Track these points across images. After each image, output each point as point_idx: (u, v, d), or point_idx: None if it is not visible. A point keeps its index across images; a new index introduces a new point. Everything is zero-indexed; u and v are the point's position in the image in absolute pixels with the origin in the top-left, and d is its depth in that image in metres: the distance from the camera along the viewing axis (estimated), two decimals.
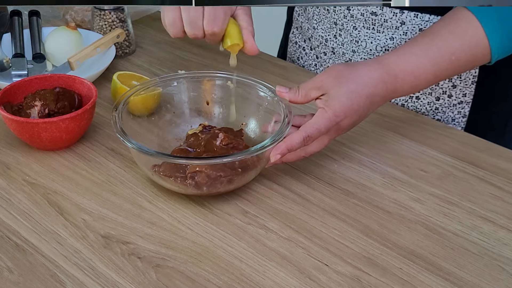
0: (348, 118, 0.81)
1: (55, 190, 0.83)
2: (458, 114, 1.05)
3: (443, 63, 0.85)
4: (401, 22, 1.00)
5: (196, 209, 0.80)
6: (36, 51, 1.11)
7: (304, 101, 0.83)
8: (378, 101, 0.84)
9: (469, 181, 0.86)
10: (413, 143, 0.94)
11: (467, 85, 1.02)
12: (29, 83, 0.95)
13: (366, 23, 1.02)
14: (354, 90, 0.80)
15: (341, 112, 0.80)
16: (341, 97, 0.80)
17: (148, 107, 0.91)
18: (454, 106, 1.05)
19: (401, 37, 1.01)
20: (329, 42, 1.09)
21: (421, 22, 0.99)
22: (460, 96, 1.03)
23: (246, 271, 0.71)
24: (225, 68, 1.13)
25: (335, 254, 0.74)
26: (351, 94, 0.80)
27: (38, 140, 0.88)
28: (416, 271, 0.72)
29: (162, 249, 0.74)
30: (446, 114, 1.06)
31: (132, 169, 0.87)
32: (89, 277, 0.70)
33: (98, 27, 1.18)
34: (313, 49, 1.15)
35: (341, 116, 0.80)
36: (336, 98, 0.80)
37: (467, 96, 1.03)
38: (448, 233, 0.77)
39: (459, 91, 1.03)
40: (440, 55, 0.85)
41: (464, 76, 1.02)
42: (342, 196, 0.83)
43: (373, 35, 1.03)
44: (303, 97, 0.82)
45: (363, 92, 0.81)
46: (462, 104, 1.04)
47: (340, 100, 0.80)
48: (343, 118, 0.81)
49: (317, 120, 0.80)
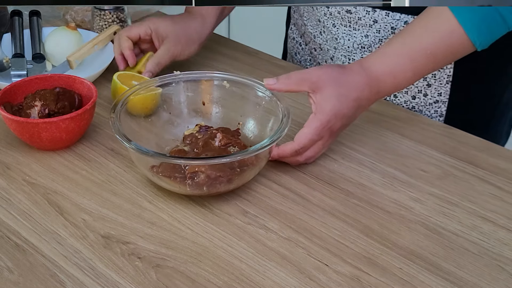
0: (338, 121, 0.84)
1: (55, 190, 0.83)
2: (435, 113, 1.07)
3: (420, 59, 0.86)
4: (374, 20, 1.02)
5: (196, 209, 0.80)
6: (36, 51, 1.11)
7: (294, 90, 0.84)
8: (365, 104, 0.86)
9: (469, 181, 0.86)
10: (413, 143, 0.94)
11: (442, 84, 1.04)
12: (29, 83, 0.95)
13: (343, 21, 1.04)
14: (344, 93, 0.83)
15: (332, 115, 0.82)
16: (332, 99, 0.82)
17: (147, 107, 0.91)
18: (430, 105, 1.06)
19: (375, 35, 1.03)
20: (316, 39, 1.12)
21: (392, 20, 1.01)
22: (436, 95, 1.05)
23: (246, 271, 0.71)
24: (224, 68, 1.14)
25: (335, 254, 0.74)
26: (341, 97, 0.83)
27: (38, 140, 0.88)
28: (416, 271, 0.72)
29: (162, 249, 0.74)
30: (423, 113, 1.07)
31: (132, 169, 0.86)
32: (89, 277, 0.70)
33: (98, 27, 1.18)
34: (307, 45, 1.17)
35: (332, 119, 0.83)
36: (328, 100, 0.82)
37: (442, 95, 1.05)
38: (448, 233, 0.77)
39: (434, 90, 1.05)
40: (415, 52, 0.86)
41: (439, 75, 1.03)
42: (342, 196, 0.83)
43: (350, 33, 1.05)
44: (294, 85, 0.84)
45: (351, 96, 0.83)
46: (438, 103, 1.06)
47: (331, 102, 0.82)
48: (334, 122, 0.83)
49: (309, 129, 0.82)
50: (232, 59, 1.18)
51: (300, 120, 0.98)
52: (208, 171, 0.78)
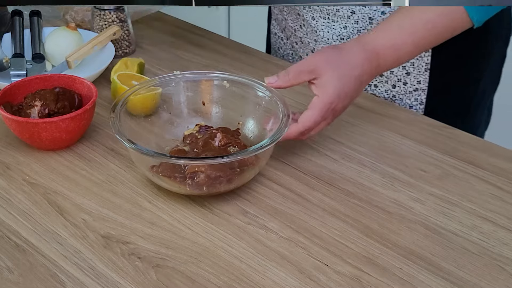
0: (341, 101, 0.84)
1: (55, 190, 0.83)
2: (415, 101, 1.08)
3: (420, 32, 0.88)
4: (351, 11, 1.03)
5: (196, 209, 0.80)
6: (36, 51, 1.11)
7: (294, 84, 0.85)
8: (366, 79, 0.87)
9: (469, 181, 0.86)
10: (413, 143, 0.94)
11: (421, 72, 1.05)
12: (29, 83, 0.95)
13: (322, 13, 1.05)
14: (345, 73, 0.84)
15: (335, 97, 0.83)
16: (334, 81, 0.83)
17: (147, 107, 0.91)
18: (410, 93, 1.07)
19: (353, 25, 1.04)
20: (297, 32, 1.13)
21: (369, 11, 1.02)
22: (415, 83, 1.06)
23: (246, 271, 0.71)
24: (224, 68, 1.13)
25: (335, 254, 0.73)
26: (343, 78, 0.84)
27: (38, 140, 0.88)
28: (416, 271, 0.72)
29: (162, 249, 0.74)
30: (403, 102, 1.09)
31: (132, 169, 0.86)
32: (89, 277, 0.70)
33: (98, 27, 1.18)
34: (288, 39, 1.18)
35: (335, 101, 0.83)
36: (329, 82, 0.83)
37: (421, 83, 1.06)
38: (448, 233, 0.77)
39: (413, 78, 1.06)
40: (416, 25, 0.88)
41: (417, 64, 1.05)
42: (342, 196, 0.83)
43: (329, 25, 1.06)
44: (293, 79, 0.85)
45: (353, 74, 0.85)
46: (418, 91, 1.07)
47: (333, 84, 0.83)
48: (337, 102, 0.84)
49: (313, 111, 0.83)
50: (232, 59, 1.18)
51: None
52: (208, 171, 0.78)
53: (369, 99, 1.05)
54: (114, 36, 1.14)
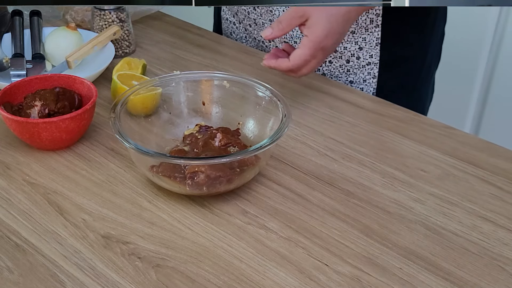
0: (330, 39, 0.89)
1: (55, 190, 0.83)
2: (368, 75, 1.13)
3: None
4: None
5: (196, 209, 0.80)
6: (36, 51, 1.11)
7: (288, 30, 0.90)
8: (353, 16, 0.92)
9: (469, 181, 0.86)
10: (413, 143, 0.94)
11: (372, 47, 1.10)
12: (29, 83, 0.95)
13: None
14: (333, 12, 0.88)
15: (323, 35, 0.88)
16: (322, 20, 0.88)
17: (147, 107, 0.91)
18: (364, 67, 1.12)
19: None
20: (251, 15, 1.16)
21: None
22: (368, 57, 1.11)
23: (246, 271, 0.71)
24: (224, 68, 1.14)
25: (335, 254, 0.74)
26: (331, 17, 0.88)
27: (38, 140, 0.88)
28: (416, 271, 0.72)
29: (162, 249, 0.74)
30: (357, 76, 1.13)
31: (132, 169, 0.86)
32: (89, 277, 0.70)
33: (98, 27, 1.18)
34: (241, 23, 1.21)
35: (324, 40, 0.88)
36: (317, 22, 0.88)
37: (373, 57, 1.11)
38: (448, 233, 0.77)
39: (365, 53, 1.11)
40: None
41: (368, 39, 1.09)
42: (342, 196, 0.83)
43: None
44: (287, 27, 0.89)
45: (340, 12, 0.89)
46: (370, 65, 1.12)
47: (321, 24, 0.88)
48: (326, 41, 0.88)
49: (303, 50, 0.89)
50: (232, 59, 1.18)
51: (301, 120, 0.98)
52: (208, 171, 0.78)
53: (369, 99, 1.05)
54: (114, 36, 1.14)
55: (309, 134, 0.95)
